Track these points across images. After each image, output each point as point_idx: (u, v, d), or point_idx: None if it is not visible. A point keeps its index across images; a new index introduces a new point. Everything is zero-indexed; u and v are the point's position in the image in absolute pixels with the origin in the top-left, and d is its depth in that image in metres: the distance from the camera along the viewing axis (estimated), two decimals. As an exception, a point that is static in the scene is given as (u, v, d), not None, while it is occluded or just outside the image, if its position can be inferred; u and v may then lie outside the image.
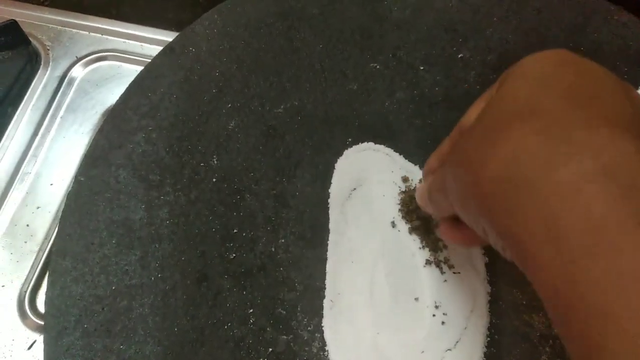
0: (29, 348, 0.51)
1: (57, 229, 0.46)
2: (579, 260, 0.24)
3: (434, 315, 0.47)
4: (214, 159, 0.51)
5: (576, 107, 0.26)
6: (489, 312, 0.47)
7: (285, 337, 0.45)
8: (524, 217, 0.26)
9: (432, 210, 0.43)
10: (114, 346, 0.42)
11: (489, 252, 0.50)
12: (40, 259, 0.55)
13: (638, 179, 0.24)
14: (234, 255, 0.47)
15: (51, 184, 0.59)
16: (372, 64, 0.57)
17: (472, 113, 0.35)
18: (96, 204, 0.47)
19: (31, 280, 0.54)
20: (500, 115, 0.29)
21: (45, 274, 0.54)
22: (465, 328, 0.47)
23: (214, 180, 0.50)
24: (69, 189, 0.48)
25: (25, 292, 0.53)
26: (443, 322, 0.46)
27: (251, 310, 0.46)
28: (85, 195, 0.47)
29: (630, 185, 0.23)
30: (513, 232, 0.28)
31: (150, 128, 0.50)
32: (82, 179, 0.47)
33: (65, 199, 0.47)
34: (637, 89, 0.55)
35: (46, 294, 0.43)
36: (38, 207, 0.58)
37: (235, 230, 0.48)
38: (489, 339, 0.46)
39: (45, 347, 0.42)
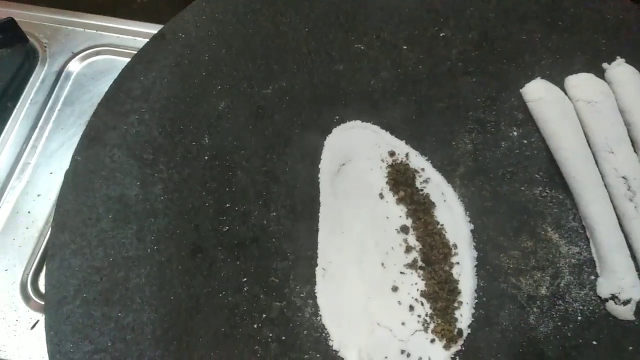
0: (32, 327, 0.53)
1: (55, 205, 0.48)
2: None
3: (422, 279, 0.48)
4: (206, 138, 0.52)
5: None
6: (476, 276, 0.49)
7: (278, 303, 0.47)
8: None
9: None
10: (112, 314, 0.43)
11: (475, 219, 0.51)
12: (42, 244, 0.56)
13: None
14: (227, 228, 0.49)
15: (51, 173, 0.61)
16: (356, 45, 0.59)
17: None
18: (93, 181, 0.48)
19: (33, 263, 0.56)
20: None
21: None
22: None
23: (206, 158, 0.52)
24: (67, 169, 0.50)
25: (28, 275, 0.55)
26: (432, 285, 0.48)
27: (245, 279, 0.47)
28: (82, 173, 0.49)
29: None
30: None
31: (143, 110, 0.52)
32: (78, 158, 0.49)
33: (63, 177, 0.49)
34: (614, 60, 0.57)
35: (46, 266, 0.45)
36: (38, 195, 0.60)
37: (227, 205, 0.50)
38: (477, 301, 0.48)
39: (46, 315, 0.43)
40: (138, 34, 0.70)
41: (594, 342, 0.46)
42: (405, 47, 0.59)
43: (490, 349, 0.46)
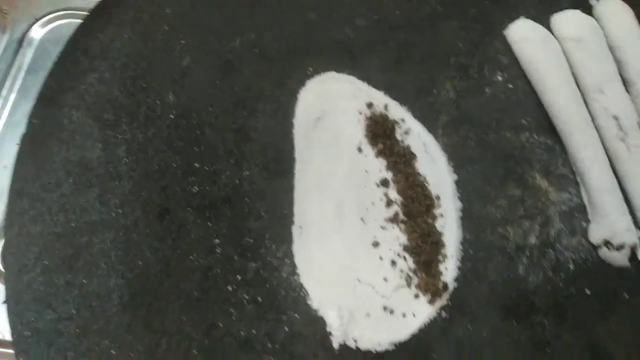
0: (4, 302, 0.51)
1: (13, 171, 0.46)
2: None
3: (404, 234, 0.46)
4: (170, 96, 0.50)
5: None
6: (462, 227, 0.47)
7: (253, 264, 0.44)
8: None
9: None
10: (76, 281, 0.41)
11: (459, 169, 0.49)
12: (10, 217, 0.54)
13: None
14: (196, 188, 0.47)
15: (17, 144, 0.58)
16: (329, -8, 0.56)
17: None
18: (51, 145, 0.46)
19: (2, 236, 0.53)
20: None
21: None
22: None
23: (172, 116, 0.49)
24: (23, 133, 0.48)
25: (-4, 248, 0.53)
26: (414, 239, 0.46)
27: (217, 241, 0.45)
28: (39, 137, 0.46)
29: None
30: None
31: (102, 69, 0.50)
32: (35, 121, 0.47)
33: (20, 141, 0.47)
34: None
35: (4, 234, 0.43)
36: (5, 167, 0.57)
37: (196, 165, 0.48)
38: (462, 253, 0.46)
39: (6, 284, 0.41)
40: (102, -5, 0.67)
41: (587, 291, 0.44)
42: (382, -8, 0.56)
43: (478, 302, 0.44)
